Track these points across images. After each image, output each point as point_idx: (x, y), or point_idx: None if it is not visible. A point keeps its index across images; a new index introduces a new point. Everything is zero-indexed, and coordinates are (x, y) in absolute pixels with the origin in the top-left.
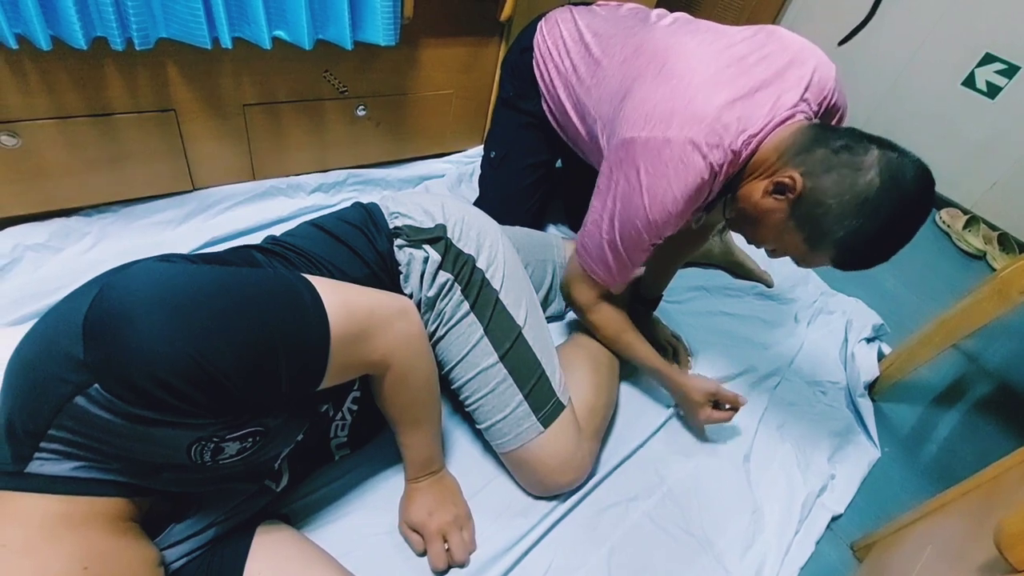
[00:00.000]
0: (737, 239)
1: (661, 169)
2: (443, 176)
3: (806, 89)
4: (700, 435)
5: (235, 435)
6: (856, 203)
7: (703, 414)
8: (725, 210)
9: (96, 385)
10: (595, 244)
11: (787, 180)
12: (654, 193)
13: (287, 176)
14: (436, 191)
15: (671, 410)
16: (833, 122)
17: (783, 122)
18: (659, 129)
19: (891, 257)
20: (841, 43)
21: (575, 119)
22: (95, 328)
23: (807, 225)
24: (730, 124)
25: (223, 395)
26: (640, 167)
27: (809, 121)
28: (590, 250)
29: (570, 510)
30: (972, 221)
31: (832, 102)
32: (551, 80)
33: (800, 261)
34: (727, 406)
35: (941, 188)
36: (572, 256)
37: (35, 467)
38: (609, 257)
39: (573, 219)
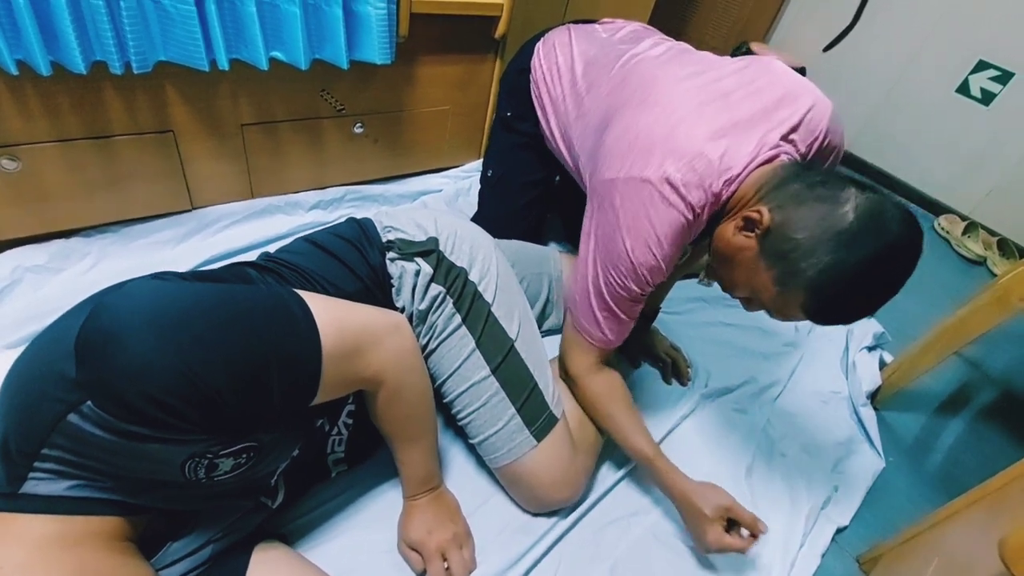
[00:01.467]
0: None
1: (641, 211)
2: (440, 191)
3: (793, 129)
4: (702, 554)
5: (229, 451)
6: (827, 237)
7: (713, 535)
8: (709, 250)
9: (88, 402)
10: (583, 297)
11: (754, 214)
12: (636, 235)
13: (285, 194)
14: (434, 206)
15: (672, 424)
16: (826, 164)
17: (766, 162)
18: (638, 167)
19: (874, 310)
20: (826, 49)
21: (563, 149)
22: (87, 346)
23: (777, 262)
24: (713, 162)
25: (215, 411)
26: (620, 210)
27: (791, 160)
28: (579, 304)
29: (571, 526)
30: (971, 227)
31: (824, 143)
32: (545, 106)
33: (774, 310)
34: (744, 531)
35: (939, 194)
36: (566, 323)
37: (30, 487)
38: (596, 310)
39: (571, 234)
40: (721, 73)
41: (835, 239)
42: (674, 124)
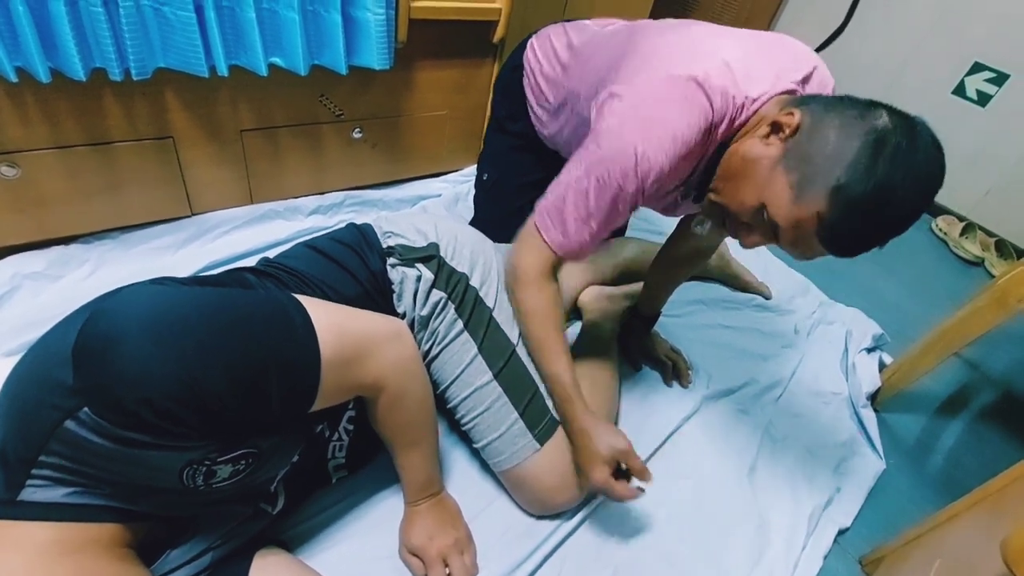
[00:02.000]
0: (737, 254)
1: (659, 106)
2: (440, 195)
3: (806, 79)
4: (584, 490)
5: (227, 457)
6: (860, 133)
7: (600, 475)
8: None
9: (86, 409)
10: (556, 197)
11: (785, 117)
12: (646, 130)
13: (285, 199)
14: (433, 210)
15: (673, 426)
16: None
17: (784, 93)
18: (659, 69)
19: (889, 237)
20: (818, 50)
21: (564, 114)
22: (84, 353)
23: (801, 164)
24: (738, 74)
25: (214, 417)
26: (629, 109)
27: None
28: (549, 204)
29: (573, 530)
30: (969, 228)
31: None
32: (539, 86)
33: (782, 226)
34: (635, 483)
35: (936, 196)
36: (526, 223)
37: (28, 494)
38: (569, 208)
39: None
40: (730, 30)
41: (867, 139)
42: (699, 39)
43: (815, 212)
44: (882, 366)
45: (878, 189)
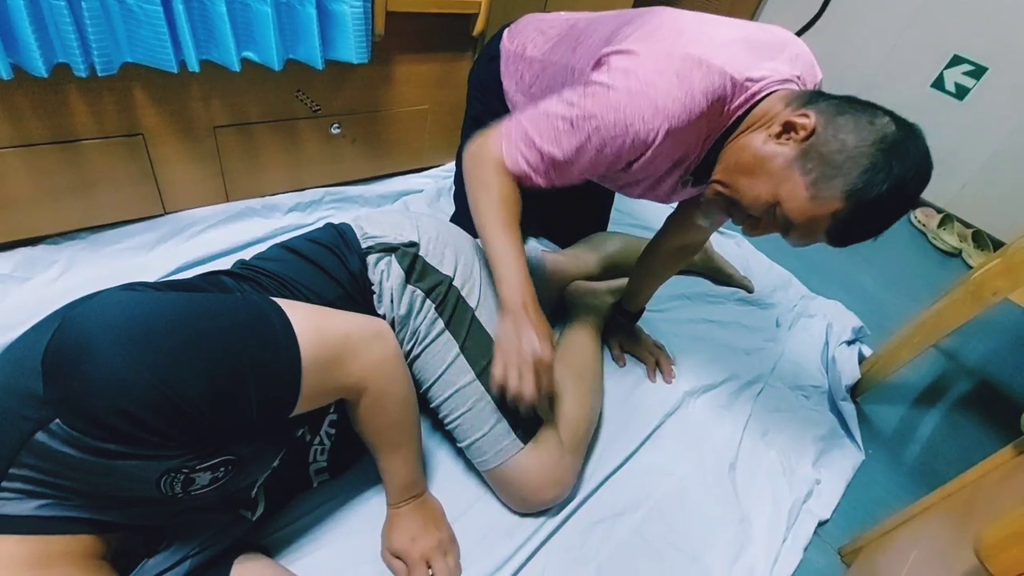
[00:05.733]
0: (719, 248)
1: (652, 76)
2: (422, 191)
3: (801, 70)
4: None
5: (206, 465)
6: (874, 139)
7: (498, 370)
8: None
9: (57, 420)
10: (531, 115)
11: (800, 119)
12: (638, 95)
13: (262, 196)
14: (415, 207)
15: (656, 422)
16: None
17: (782, 82)
18: (660, 43)
19: (887, 228)
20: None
21: (542, 87)
22: (54, 362)
23: (818, 166)
24: (738, 57)
25: (190, 425)
26: (627, 70)
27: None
28: (524, 114)
29: (556, 529)
30: (946, 219)
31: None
32: (519, 69)
33: (795, 222)
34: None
35: None
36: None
37: None
38: (534, 128)
39: (549, 230)
40: (728, 19)
41: (881, 144)
42: (699, 22)
43: (831, 211)
44: (862, 358)
45: (891, 190)
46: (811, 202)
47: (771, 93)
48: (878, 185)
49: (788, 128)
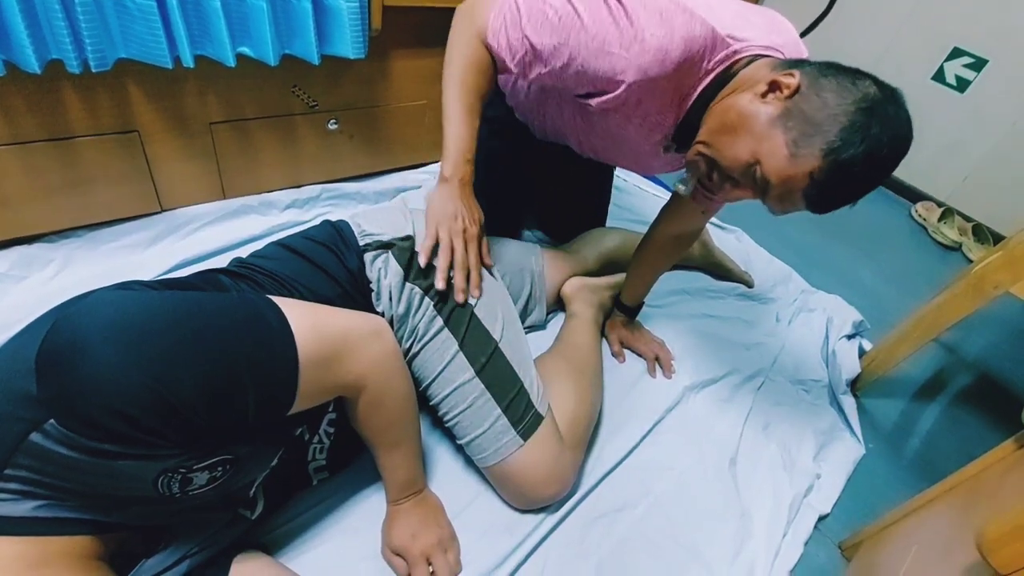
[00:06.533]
0: (720, 243)
1: (642, 13)
2: (420, 187)
3: (782, 44)
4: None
5: (203, 464)
6: (855, 99)
7: (431, 230)
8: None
9: (51, 420)
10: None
11: (785, 78)
12: (626, 26)
13: (259, 193)
14: (413, 203)
15: (656, 417)
16: None
17: (765, 48)
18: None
19: (865, 193)
20: (802, 35)
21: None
22: (48, 362)
23: (799, 123)
24: (725, 19)
25: (186, 424)
26: (619, 3)
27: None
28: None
29: (557, 524)
30: (947, 213)
31: None
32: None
33: (772, 183)
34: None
35: (916, 181)
36: None
37: None
38: (527, 8)
39: (548, 227)
40: None
41: (862, 103)
42: None
43: (808, 171)
44: (862, 352)
45: (868, 151)
46: (789, 160)
47: (754, 58)
48: (855, 145)
49: (773, 87)
